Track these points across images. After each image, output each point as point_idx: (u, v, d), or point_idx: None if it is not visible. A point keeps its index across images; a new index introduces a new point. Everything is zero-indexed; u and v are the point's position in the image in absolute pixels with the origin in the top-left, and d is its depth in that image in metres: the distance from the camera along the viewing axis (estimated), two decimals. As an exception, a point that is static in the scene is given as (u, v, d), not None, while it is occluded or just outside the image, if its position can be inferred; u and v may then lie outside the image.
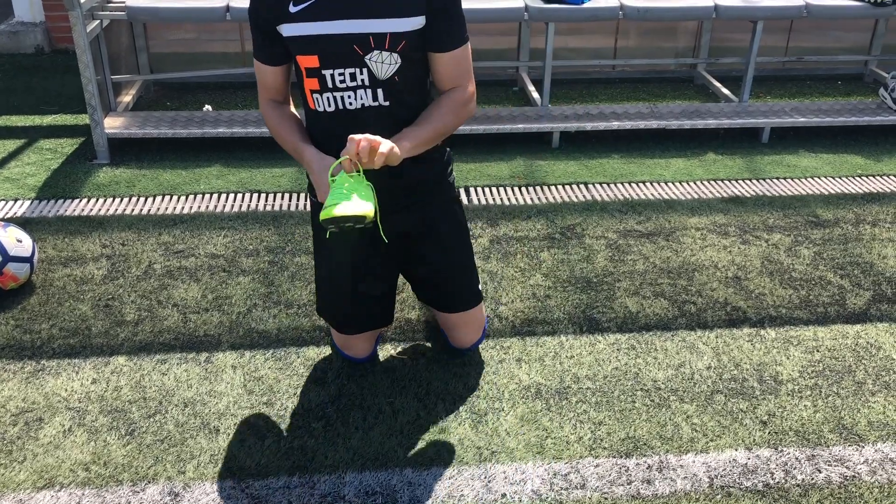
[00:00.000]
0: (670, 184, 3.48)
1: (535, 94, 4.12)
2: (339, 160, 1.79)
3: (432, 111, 1.97)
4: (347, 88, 1.92)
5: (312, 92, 1.96)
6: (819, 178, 3.57)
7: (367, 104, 1.94)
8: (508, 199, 3.32)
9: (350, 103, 1.94)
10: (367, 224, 1.79)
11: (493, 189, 3.40)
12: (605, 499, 1.89)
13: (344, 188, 1.76)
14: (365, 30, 1.86)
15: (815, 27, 4.75)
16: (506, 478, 1.94)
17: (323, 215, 1.75)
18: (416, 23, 1.89)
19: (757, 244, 3.00)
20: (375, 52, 1.88)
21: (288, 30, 1.89)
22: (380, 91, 1.93)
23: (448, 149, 2.18)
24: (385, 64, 1.90)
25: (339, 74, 1.91)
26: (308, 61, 1.91)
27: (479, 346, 2.37)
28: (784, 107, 4.10)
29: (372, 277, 2.18)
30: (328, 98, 1.94)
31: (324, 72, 1.91)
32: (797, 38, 4.77)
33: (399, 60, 1.91)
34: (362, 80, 1.91)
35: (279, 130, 2.02)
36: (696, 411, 2.17)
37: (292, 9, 1.87)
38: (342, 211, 1.72)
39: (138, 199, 3.24)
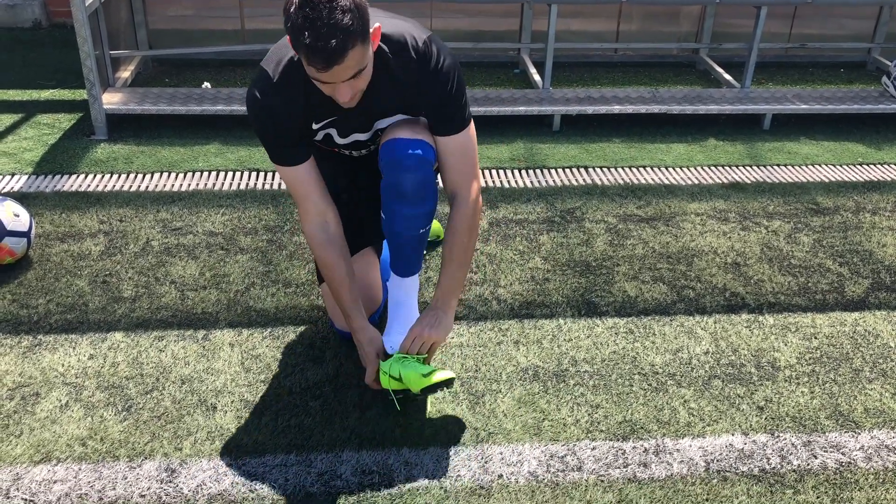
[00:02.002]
0: (671, 169, 3.47)
1: (537, 77, 4.10)
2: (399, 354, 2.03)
3: (455, 251, 2.04)
4: (360, 154, 2.16)
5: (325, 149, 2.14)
6: (820, 165, 3.56)
7: (368, 154, 2.17)
8: (508, 181, 3.31)
9: (354, 155, 2.18)
10: (451, 385, 2.03)
11: (493, 172, 3.38)
12: (602, 481, 1.89)
13: (417, 364, 1.99)
14: (376, 127, 2.04)
15: (818, 14, 4.72)
16: (502, 459, 1.95)
17: (420, 385, 1.95)
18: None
19: (756, 230, 2.99)
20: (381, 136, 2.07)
21: (312, 136, 2.03)
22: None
23: None
24: None
25: (356, 151, 2.14)
26: (328, 147, 2.12)
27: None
28: (786, 93, 4.08)
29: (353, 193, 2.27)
30: (334, 152, 2.16)
31: (343, 151, 2.14)
32: (800, 25, 4.74)
33: None
34: (371, 148, 2.13)
35: (331, 279, 2.07)
36: (694, 396, 2.17)
37: (315, 126, 1.99)
38: (442, 377, 1.96)
39: (136, 176, 3.22)
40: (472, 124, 2.03)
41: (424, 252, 2.29)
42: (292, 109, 1.91)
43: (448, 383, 1.99)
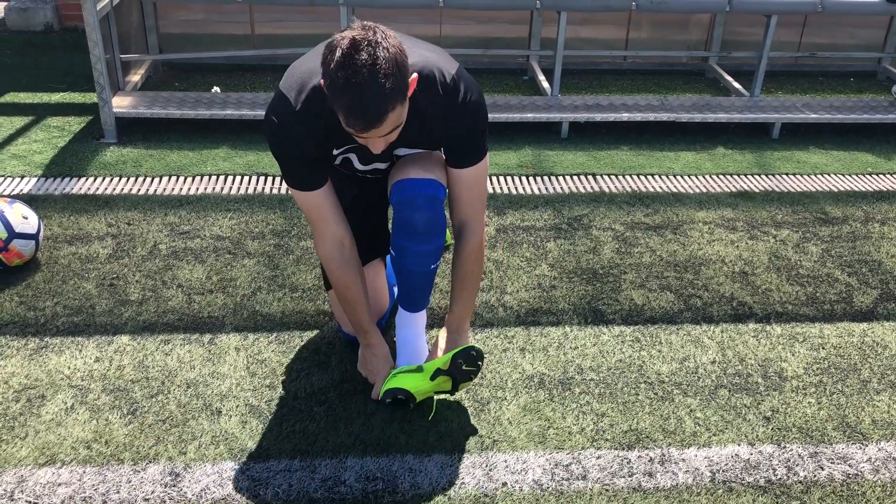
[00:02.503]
0: (679, 177, 3.46)
1: (546, 84, 4.10)
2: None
3: (466, 281, 2.12)
4: (374, 175, 2.15)
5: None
6: (829, 175, 3.55)
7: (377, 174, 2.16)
8: (516, 188, 3.30)
9: (369, 178, 2.17)
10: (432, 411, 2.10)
11: (501, 178, 3.38)
12: (606, 490, 1.88)
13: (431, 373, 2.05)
14: (397, 157, 2.06)
15: (829, 23, 4.71)
16: (507, 467, 1.94)
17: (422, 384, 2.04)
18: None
19: (765, 240, 2.98)
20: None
21: (332, 161, 2.02)
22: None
23: None
24: None
25: (370, 175, 2.13)
26: (343, 170, 2.11)
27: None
28: (795, 102, 4.07)
29: (364, 205, 2.26)
30: (350, 173, 2.14)
31: (358, 175, 2.13)
32: (811, 34, 4.73)
33: None
34: (384, 170, 2.13)
35: (347, 299, 2.09)
36: (700, 405, 2.16)
37: (335, 152, 1.98)
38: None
39: (145, 179, 3.24)
40: (487, 158, 2.03)
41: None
42: (314, 138, 1.87)
43: (412, 401, 2.06)
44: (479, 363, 2.03)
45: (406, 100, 1.69)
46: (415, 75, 1.74)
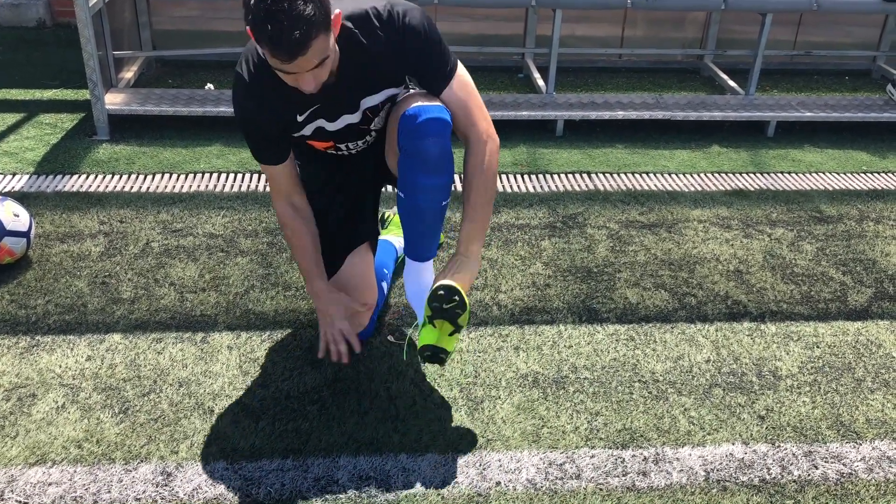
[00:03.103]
0: (674, 175, 3.45)
1: (541, 82, 4.09)
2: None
3: (472, 193, 2.00)
4: (356, 147, 2.16)
5: (320, 150, 2.17)
6: (824, 173, 3.55)
7: (363, 148, 2.18)
8: (511, 186, 3.30)
9: (352, 151, 2.17)
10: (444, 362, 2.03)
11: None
12: (600, 489, 1.88)
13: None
14: (364, 107, 2.01)
15: (824, 21, 4.71)
16: (500, 466, 1.93)
17: (447, 344, 1.99)
18: (403, 85, 2.06)
19: (759, 238, 2.98)
20: (376, 119, 2.08)
21: (300, 130, 2.03)
22: (375, 135, 2.15)
23: None
24: (381, 118, 2.10)
25: (352, 144, 2.13)
26: (322, 145, 2.13)
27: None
28: (790, 101, 4.07)
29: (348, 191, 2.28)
30: (335, 149, 2.16)
31: (339, 145, 2.13)
32: (806, 32, 4.73)
33: (390, 106, 2.08)
34: (367, 140, 2.14)
35: (294, 245, 2.15)
36: (694, 404, 2.15)
37: (299, 118, 1.99)
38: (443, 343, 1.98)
39: (137, 177, 3.22)
40: (463, 70, 2.00)
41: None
42: (271, 106, 1.92)
43: (442, 353, 1.97)
44: (456, 297, 1.93)
45: (330, 31, 1.71)
46: (338, 11, 1.76)
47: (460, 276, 1.98)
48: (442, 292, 1.92)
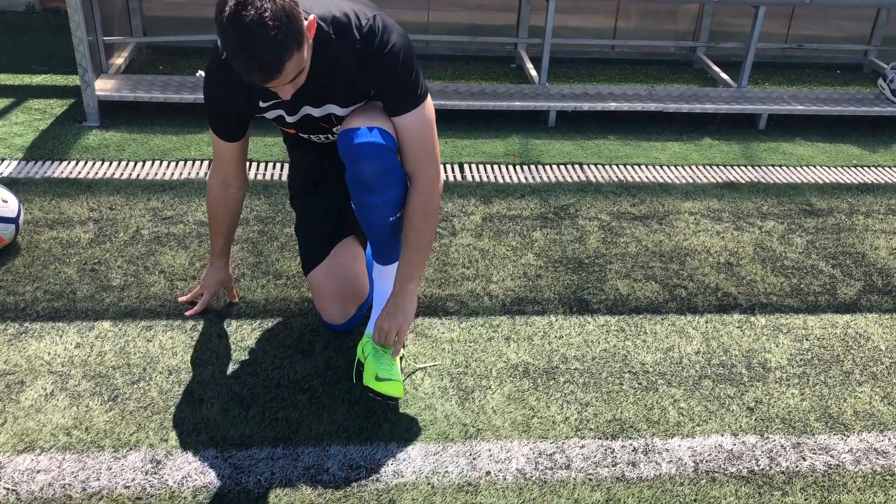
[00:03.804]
0: (665, 167, 3.46)
1: (533, 72, 4.08)
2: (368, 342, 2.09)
3: (410, 235, 1.99)
4: (320, 140, 2.16)
5: (288, 133, 2.19)
6: (814, 166, 3.56)
7: (333, 141, 2.16)
8: (502, 177, 3.29)
9: (321, 142, 2.18)
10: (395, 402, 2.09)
11: (488, 166, 3.37)
12: (590, 479, 1.88)
13: (384, 360, 2.03)
14: (327, 112, 2.01)
15: (816, 15, 4.72)
16: (491, 456, 1.93)
17: (366, 381, 2.01)
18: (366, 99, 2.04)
19: (750, 231, 2.99)
20: (338, 126, 2.07)
21: (262, 113, 2.04)
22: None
23: None
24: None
25: (315, 137, 2.14)
26: (286, 129, 2.13)
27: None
28: (782, 94, 4.08)
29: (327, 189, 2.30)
30: (303, 138, 2.17)
31: (301, 134, 2.14)
32: (798, 26, 4.74)
33: None
34: (329, 137, 2.14)
35: (212, 217, 2.26)
36: (684, 395, 2.16)
37: (262, 104, 2.00)
38: (387, 390, 2.00)
39: (128, 164, 3.20)
40: (429, 104, 1.98)
41: None
42: (237, 87, 1.92)
43: (391, 399, 2.02)
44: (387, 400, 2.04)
45: (303, 45, 1.69)
46: (312, 16, 1.74)
47: (395, 320, 1.98)
48: (373, 396, 2.03)
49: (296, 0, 1.67)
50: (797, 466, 1.96)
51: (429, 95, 1.99)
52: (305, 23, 1.70)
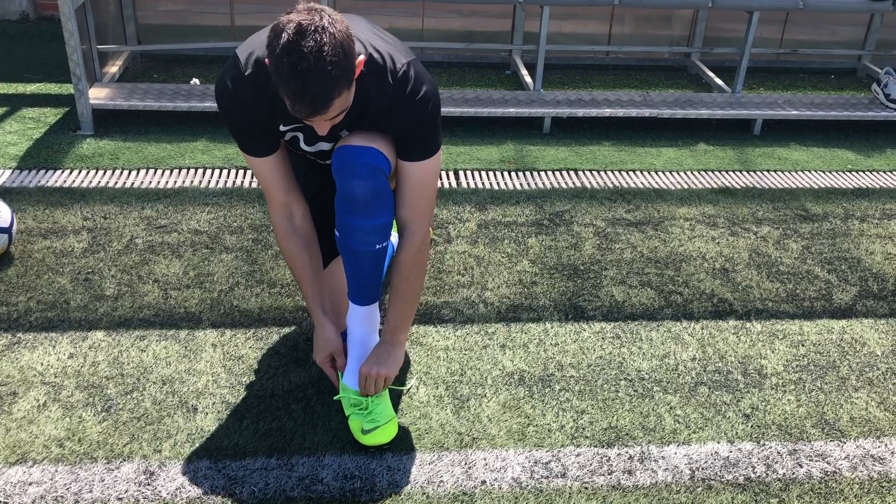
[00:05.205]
0: (660, 173, 3.46)
1: (528, 79, 4.09)
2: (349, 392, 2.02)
3: (400, 288, 1.99)
4: (326, 164, 2.13)
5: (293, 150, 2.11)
6: (809, 171, 3.56)
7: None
8: (497, 183, 3.29)
9: (319, 163, 2.16)
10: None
11: (483, 173, 3.36)
12: (586, 488, 1.88)
13: (370, 408, 1.98)
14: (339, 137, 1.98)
15: (810, 20, 4.73)
16: (486, 464, 1.93)
17: (368, 440, 1.95)
18: None
19: (745, 236, 2.98)
20: None
21: (281, 136, 1.98)
22: None
23: None
24: None
25: (320, 160, 2.12)
26: (294, 149, 2.08)
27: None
28: (777, 99, 4.08)
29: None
30: (306, 156, 2.12)
31: (308, 155, 2.09)
32: (792, 31, 4.75)
33: None
34: (329, 151, 2.07)
35: (289, 261, 2.08)
36: (680, 403, 2.16)
37: (282, 128, 1.95)
38: (383, 439, 1.95)
39: (122, 172, 3.19)
40: (440, 157, 1.97)
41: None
42: (260, 106, 1.86)
43: (385, 444, 1.97)
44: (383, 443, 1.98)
45: (352, 84, 1.68)
46: (362, 57, 1.73)
47: (385, 367, 1.96)
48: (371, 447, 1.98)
49: (352, 37, 1.66)
50: (794, 473, 1.95)
51: (441, 149, 1.99)
52: (356, 61, 1.69)
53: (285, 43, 1.58)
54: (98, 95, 3.56)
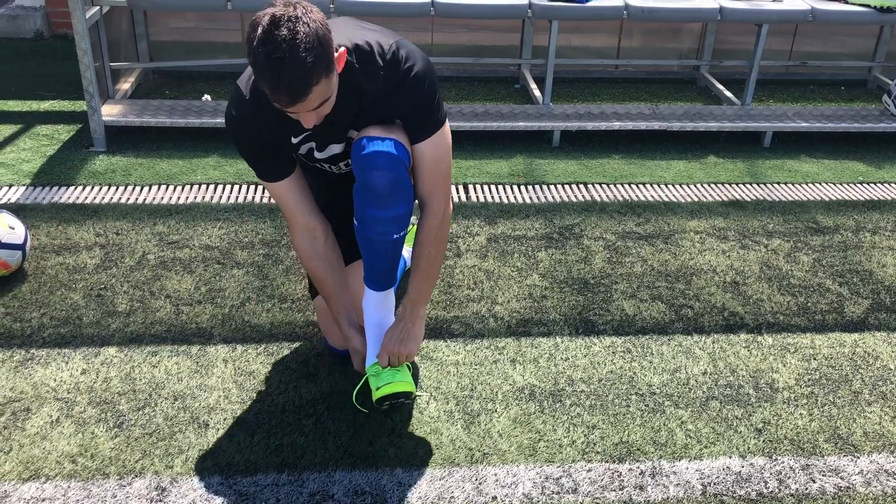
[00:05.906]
0: (670, 186, 3.46)
1: (537, 92, 4.10)
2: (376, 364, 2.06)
3: (422, 262, 2.02)
4: (341, 169, 2.13)
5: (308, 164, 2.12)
6: (820, 184, 3.55)
7: (350, 169, 2.11)
8: (507, 197, 3.29)
9: (335, 172, 2.16)
10: (414, 398, 2.10)
11: (492, 187, 3.37)
12: (597, 503, 1.87)
13: (386, 371, 2.03)
14: (350, 136, 1.99)
15: (819, 32, 4.72)
16: (497, 480, 1.92)
17: (383, 391, 2.00)
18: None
19: (756, 249, 2.98)
20: None
21: (296, 151, 2.01)
22: None
23: None
24: None
25: (335, 167, 2.11)
26: (311, 163, 2.09)
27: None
28: (787, 111, 4.08)
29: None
30: (321, 168, 2.13)
31: (324, 166, 2.11)
32: (801, 43, 4.74)
33: None
34: (349, 163, 2.07)
35: (315, 281, 2.12)
36: (691, 417, 2.15)
37: (294, 140, 1.97)
38: (396, 388, 2.00)
39: (134, 188, 3.21)
40: (447, 129, 1.98)
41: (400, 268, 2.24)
42: (268, 125, 1.90)
43: (404, 395, 2.02)
44: (404, 399, 2.04)
45: (332, 72, 1.70)
46: (342, 49, 1.76)
47: (405, 345, 2.01)
48: (388, 404, 2.05)
49: (329, 29, 1.69)
50: (807, 489, 1.94)
51: (447, 120, 1.99)
52: (336, 53, 1.71)
53: (260, 34, 1.63)
54: (111, 112, 3.59)
